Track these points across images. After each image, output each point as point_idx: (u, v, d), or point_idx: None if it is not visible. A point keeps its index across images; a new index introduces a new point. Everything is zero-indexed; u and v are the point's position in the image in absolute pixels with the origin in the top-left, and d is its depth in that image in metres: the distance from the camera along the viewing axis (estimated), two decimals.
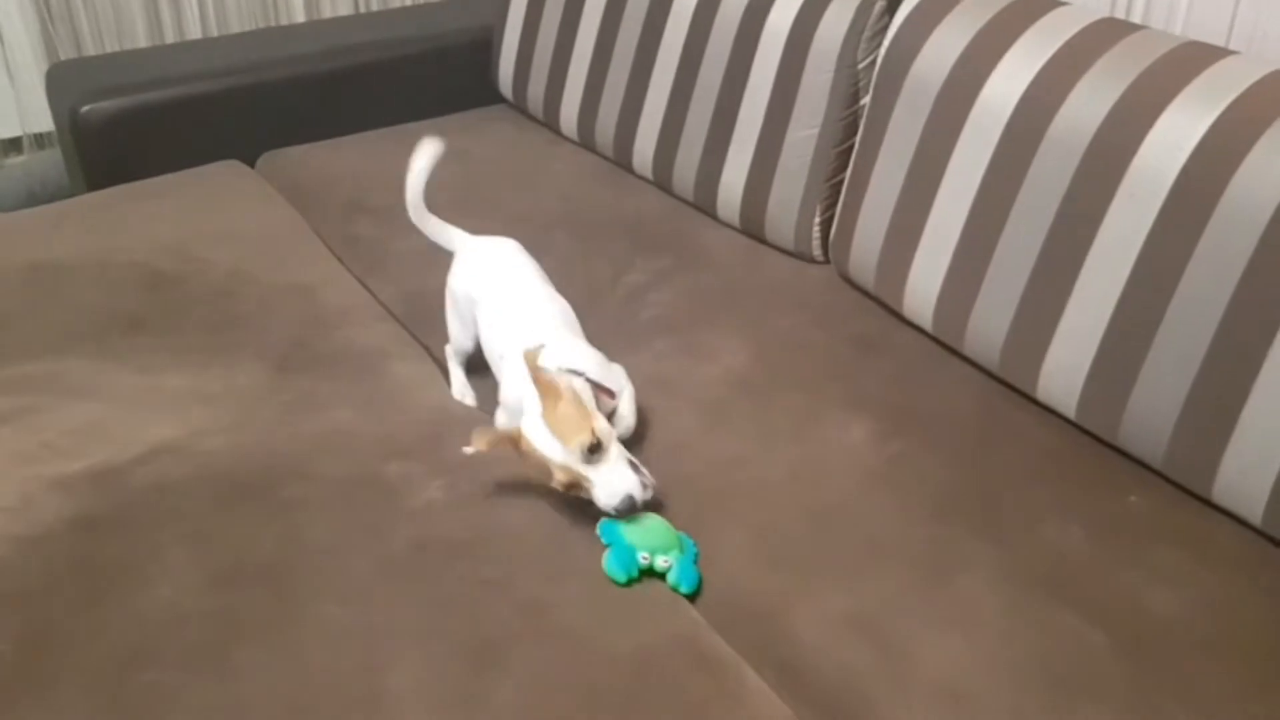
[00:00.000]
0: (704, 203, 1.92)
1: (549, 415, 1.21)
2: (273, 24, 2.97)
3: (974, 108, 1.46)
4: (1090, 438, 1.39)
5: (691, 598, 1.20)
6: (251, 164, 2.14)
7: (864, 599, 1.18)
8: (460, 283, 1.52)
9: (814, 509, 1.30)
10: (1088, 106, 1.35)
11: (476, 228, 1.87)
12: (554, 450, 1.20)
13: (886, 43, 1.61)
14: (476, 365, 1.53)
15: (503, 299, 1.46)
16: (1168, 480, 1.32)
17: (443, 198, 1.96)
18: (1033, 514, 1.28)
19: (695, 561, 1.23)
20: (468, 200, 1.97)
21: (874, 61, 1.67)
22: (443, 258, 1.79)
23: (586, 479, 1.21)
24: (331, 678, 1.06)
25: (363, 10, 3.08)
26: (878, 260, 1.62)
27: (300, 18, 2.99)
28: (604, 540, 1.22)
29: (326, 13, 3.02)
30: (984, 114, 1.45)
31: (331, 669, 1.07)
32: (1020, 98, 1.41)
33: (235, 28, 2.92)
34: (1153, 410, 1.29)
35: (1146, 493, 1.31)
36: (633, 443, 1.41)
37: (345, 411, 1.41)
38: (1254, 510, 1.22)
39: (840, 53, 1.69)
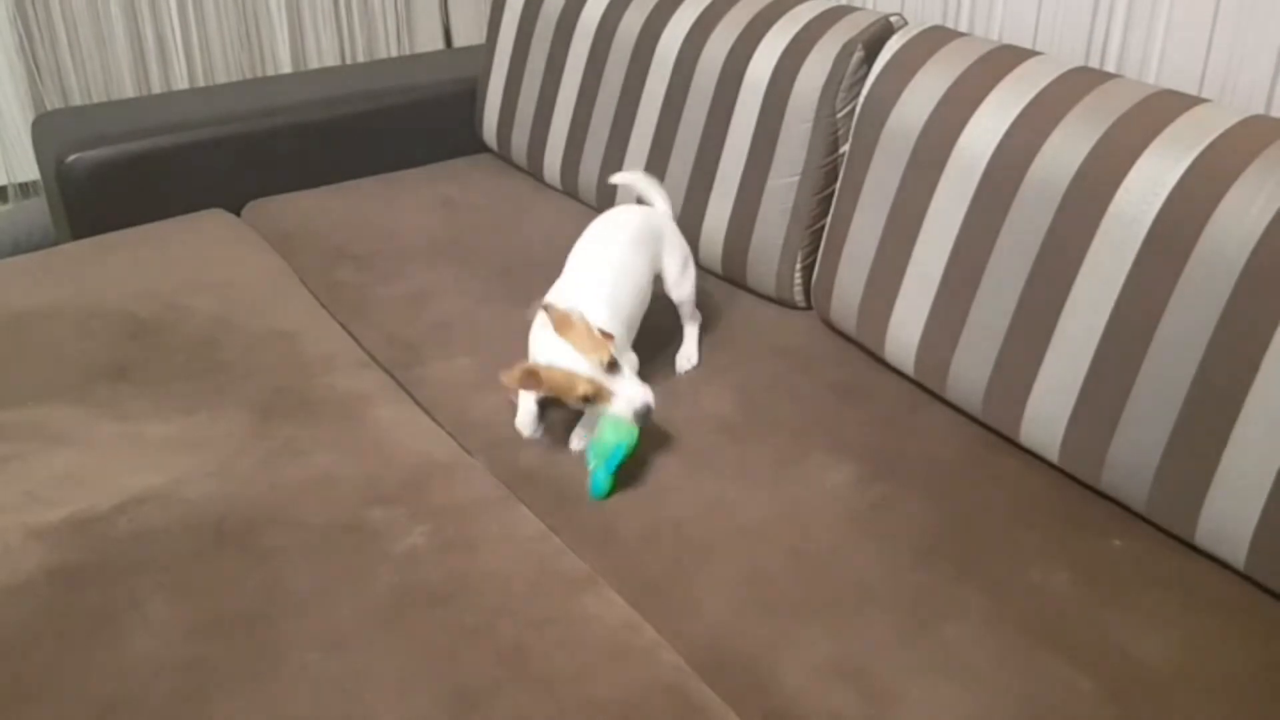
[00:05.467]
0: None
1: (570, 335, 1.37)
2: (259, 75, 2.99)
3: (952, 156, 1.48)
4: (1074, 481, 1.39)
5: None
6: (237, 213, 2.15)
7: (851, 645, 1.18)
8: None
9: (799, 553, 1.30)
10: (1064, 154, 1.37)
11: (463, 274, 1.89)
12: (579, 364, 1.35)
13: (864, 92, 1.64)
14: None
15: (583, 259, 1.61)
16: (1151, 524, 1.32)
17: (427, 245, 1.98)
18: (1018, 559, 1.28)
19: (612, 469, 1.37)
20: (453, 246, 1.98)
21: (852, 111, 1.69)
22: (427, 301, 1.80)
23: (608, 390, 1.36)
24: None
25: (349, 61, 3.10)
26: (859, 306, 1.63)
27: (286, 68, 3.01)
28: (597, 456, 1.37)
29: (313, 63, 3.05)
30: (962, 162, 1.47)
31: (312, 719, 1.05)
32: (997, 145, 1.43)
33: (222, 78, 2.94)
34: (1135, 454, 1.29)
35: (1131, 537, 1.31)
36: (619, 487, 1.41)
37: (328, 457, 1.40)
38: (1237, 554, 1.23)
39: (819, 102, 1.71)
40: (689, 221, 1.91)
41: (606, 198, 2.08)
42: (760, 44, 1.81)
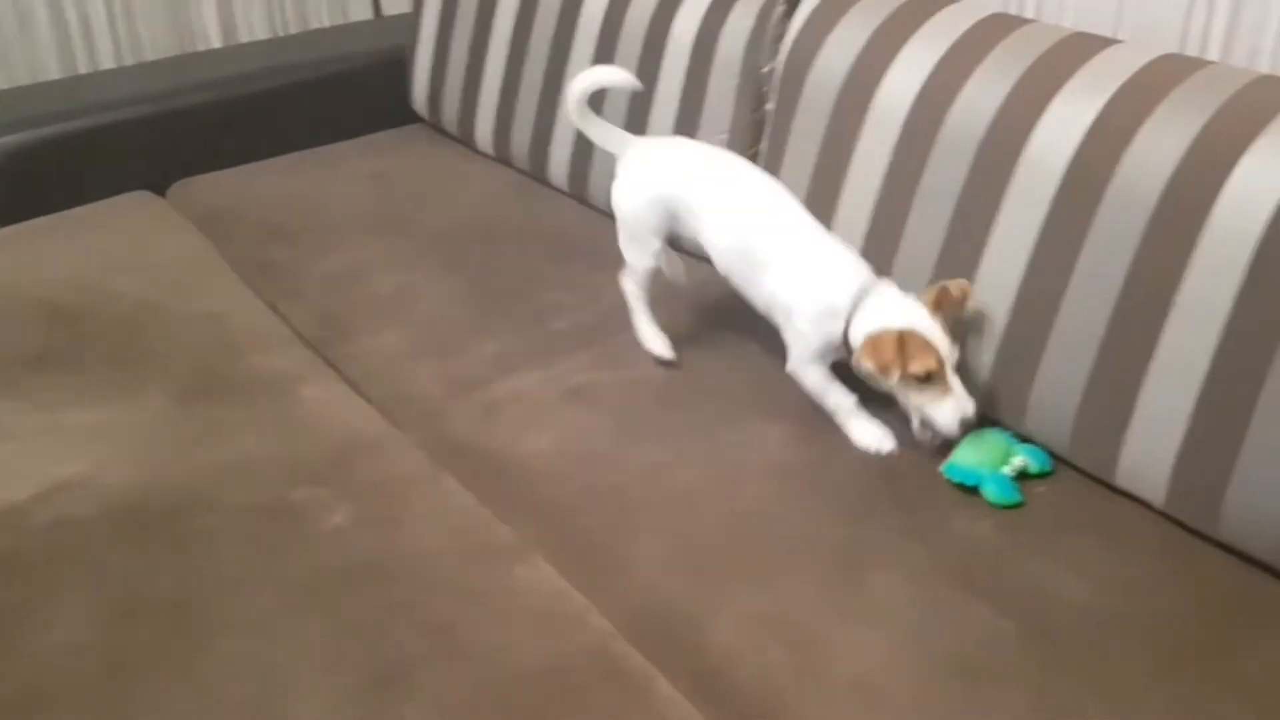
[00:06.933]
0: None
1: (939, 314, 1.30)
2: (188, 50, 2.93)
3: (872, 107, 1.48)
4: (998, 430, 1.40)
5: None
6: (163, 194, 2.11)
7: (780, 601, 1.18)
8: (661, 187, 1.50)
9: (731, 514, 1.30)
10: (980, 100, 1.36)
11: (395, 246, 1.87)
12: (943, 343, 1.28)
13: (786, 46, 1.62)
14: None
15: (752, 200, 1.48)
16: (1074, 467, 1.33)
17: (358, 219, 1.96)
18: (944, 510, 1.28)
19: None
20: (385, 219, 1.96)
21: (777, 65, 1.68)
22: (359, 276, 1.78)
23: (948, 385, 1.28)
24: (234, 712, 1.04)
25: (280, 34, 3.04)
26: None
27: (216, 43, 2.95)
28: (966, 483, 1.29)
29: (243, 37, 2.99)
30: (882, 112, 1.47)
31: (234, 703, 1.05)
32: (916, 95, 1.43)
33: (150, 55, 2.88)
34: (1055, 398, 1.30)
35: (1053, 481, 1.32)
36: (553, 454, 1.40)
37: (252, 439, 1.39)
38: (1156, 493, 1.24)
39: (744, 58, 1.70)
40: None
41: (539, 163, 2.06)
42: (684, 1, 1.79)
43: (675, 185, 1.50)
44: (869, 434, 1.38)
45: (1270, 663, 1.09)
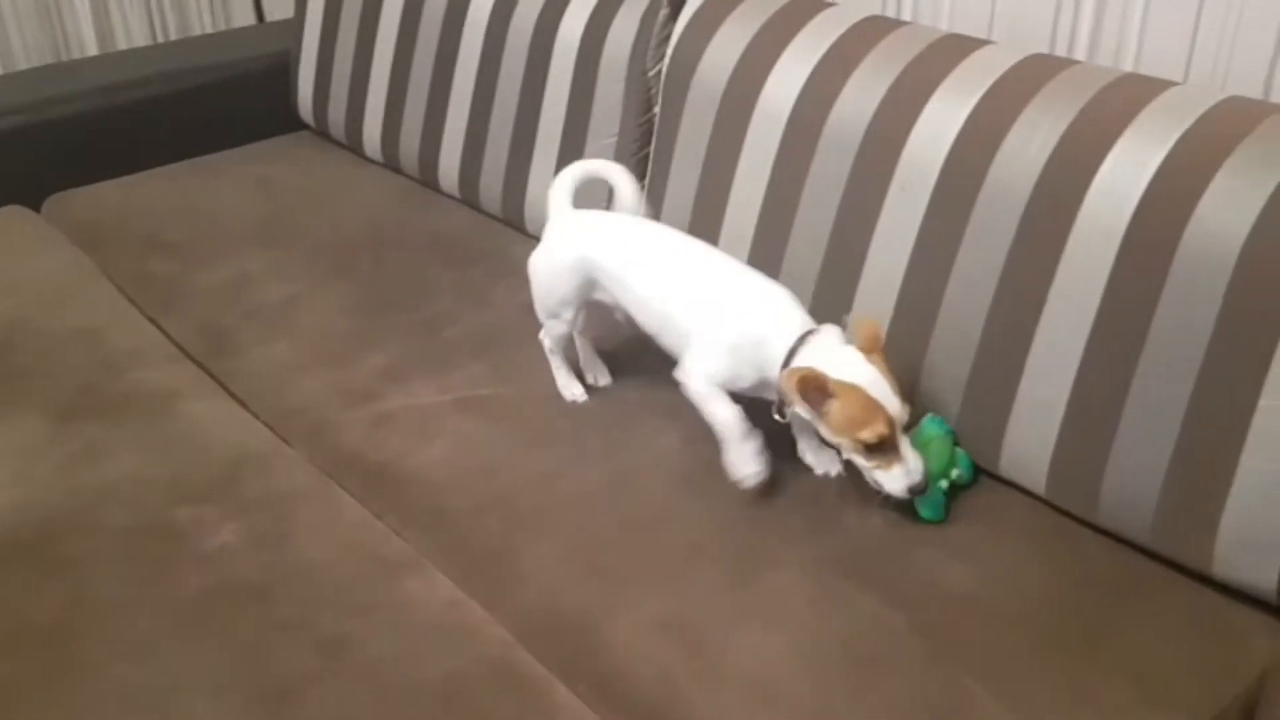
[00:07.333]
0: (512, 217, 1.91)
1: (879, 363, 1.21)
2: (63, 58, 2.84)
3: (756, 109, 1.49)
4: None
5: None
6: (39, 208, 2.04)
7: (677, 603, 1.19)
8: (586, 252, 1.42)
9: (627, 518, 1.30)
10: (858, 102, 1.39)
11: (282, 256, 1.83)
12: (893, 404, 1.19)
13: (670, 50, 1.63)
14: None
15: (684, 265, 1.39)
16: None
17: (243, 229, 1.92)
18: (835, 507, 1.31)
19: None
20: (270, 228, 1.92)
21: (663, 68, 1.69)
22: (244, 287, 1.74)
23: (897, 448, 1.20)
24: None
25: (160, 40, 2.97)
26: None
27: (93, 50, 2.86)
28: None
29: (121, 44, 2.90)
30: (765, 115, 1.48)
31: None
32: (797, 97, 1.45)
33: (21, 64, 2.78)
34: (939, 391, 1.33)
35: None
36: (447, 464, 1.39)
37: (132, 458, 1.35)
38: (1037, 481, 1.28)
39: (630, 61, 1.71)
40: (513, 187, 1.88)
41: (429, 169, 2.04)
42: (570, 4, 1.79)
43: (595, 250, 1.43)
44: (742, 463, 1.32)
45: (1145, 640, 1.13)
